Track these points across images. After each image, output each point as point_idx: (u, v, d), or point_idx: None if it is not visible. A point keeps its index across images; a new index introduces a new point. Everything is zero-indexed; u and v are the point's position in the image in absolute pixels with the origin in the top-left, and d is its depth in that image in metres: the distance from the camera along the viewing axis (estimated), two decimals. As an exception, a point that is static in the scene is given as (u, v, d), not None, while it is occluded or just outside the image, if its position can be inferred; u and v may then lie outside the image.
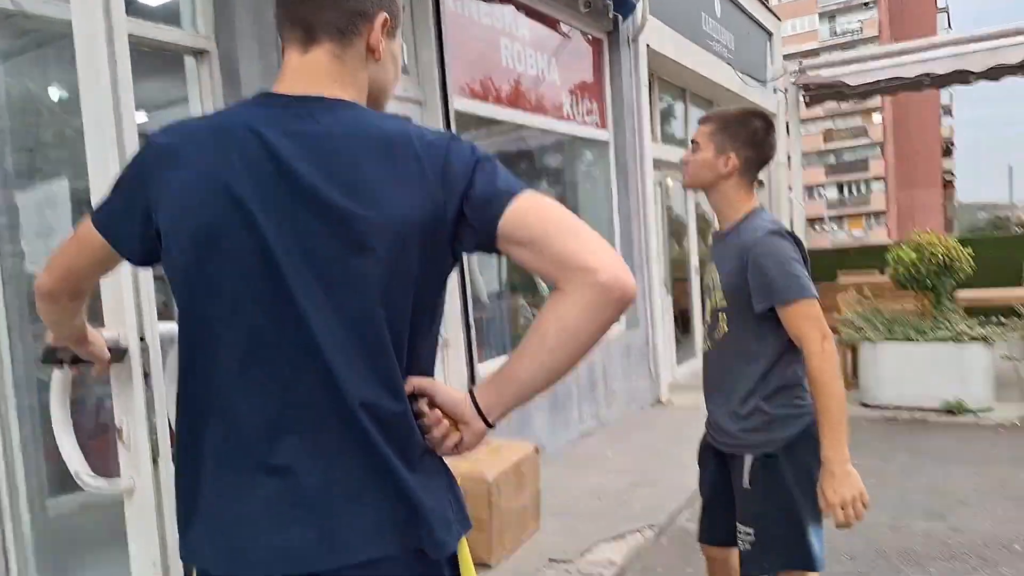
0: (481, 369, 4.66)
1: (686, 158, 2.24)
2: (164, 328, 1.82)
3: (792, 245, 2.04)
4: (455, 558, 1.15)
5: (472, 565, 1.21)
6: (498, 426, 1.16)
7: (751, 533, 2.10)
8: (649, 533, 3.83)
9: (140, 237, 1.12)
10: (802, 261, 2.04)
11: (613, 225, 6.76)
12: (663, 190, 8.18)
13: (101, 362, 1.58)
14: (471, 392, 1.14)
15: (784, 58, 11.46)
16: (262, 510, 1.05)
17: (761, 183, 2.25)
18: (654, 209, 7.33)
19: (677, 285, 8.55)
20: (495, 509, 3.38)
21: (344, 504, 1.05)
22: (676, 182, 8.62)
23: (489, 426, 1.14)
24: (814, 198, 58.57)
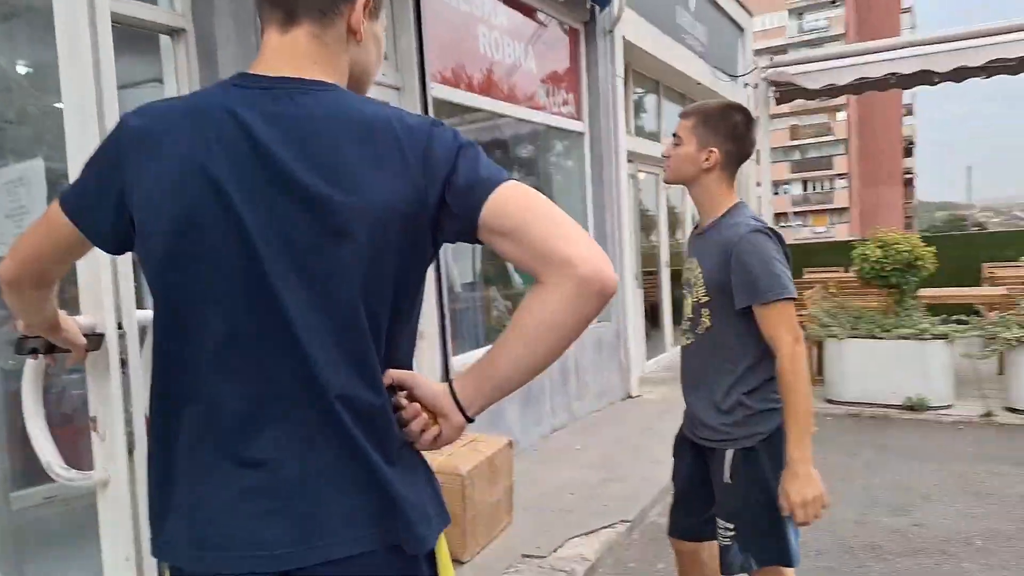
0: (455, 362, 4.63)
1: (668, 152, 2.23)
2: (141, 315, 1.76)
3: (775, 244, 2.06)
4: (433, 555, 1.13)
5: (450, 561, 1.19)
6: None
7: (731, 528, 2.11)
8: (621, 528, 3.84)
9: (112, 222, 1.08)
10: (784, 259, 2.05)
11: (587, 217, 6.76)
12: (635, 183, 8.20)
13: (77, 349, 1.52)
14: (450, 385, 1.11)
15: (754, 53, 11.55)
16: (238, 503, 1.02)
17: None
18: (627, 201, 7.35)
19: (647, 279, 8.59)
20: (469, 503, 3.35)
21: (322, 498, 1.02)
22: (647, 175, 8.65)
23: (468, 420, 1.12)
24: (779, 194, 59.38)
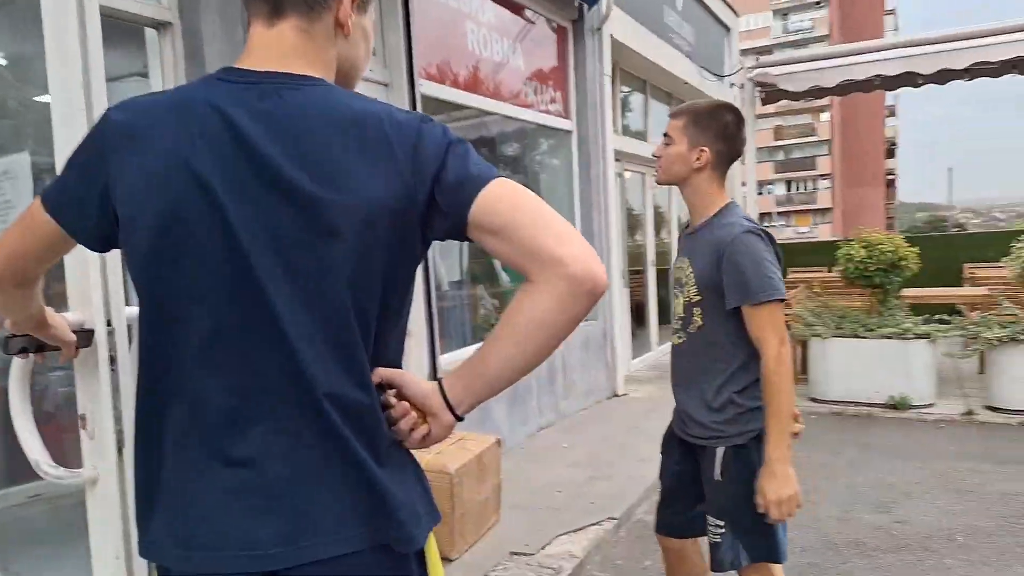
0: (443, 360, 4.62)
1: (658, 152, 2.23)
2: (129, 312, 1.74)
3: (767, 245, 2.07)
4: (422, 553, 1.12)
5: (440, 560, 1.19)
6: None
7: (722, 526, 2.12)
8: (608, 525, 3.85)
9: (96, 219, 1.06)
10: (776, 260, 2.06)
11: (574, 215, 6.75)
12: (621, 182, 8.21)
13: (68, 346, 1.49)
14: (440, 384, 1.10)
15: (740, 53, 11.60)
16: (226, 502, 1.01)
17: None
18: (615, 201, 7.36)
19: (633, 278, 8.61)
20: (457, 501, 3.35)
21: (310, 496, 1.01)
22: (633, 174, 8.67)
23: (458, 419, 1.11)
24: (763, 194, 59.76)
